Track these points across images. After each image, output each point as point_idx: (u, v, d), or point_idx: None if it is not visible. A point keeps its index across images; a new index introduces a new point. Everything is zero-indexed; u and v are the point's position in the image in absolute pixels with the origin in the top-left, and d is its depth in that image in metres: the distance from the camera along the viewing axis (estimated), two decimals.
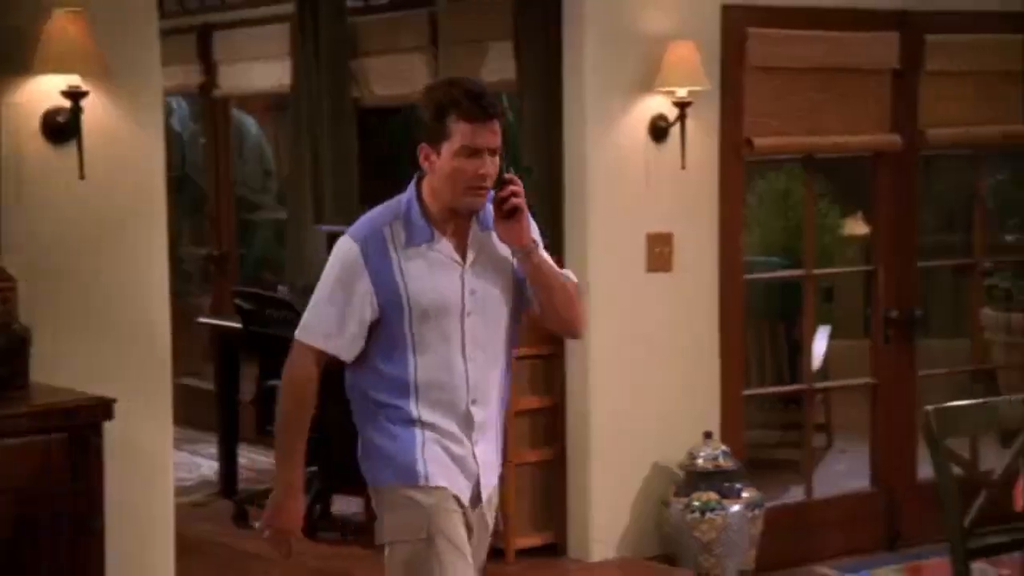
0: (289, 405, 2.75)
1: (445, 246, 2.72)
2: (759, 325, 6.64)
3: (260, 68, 6.63)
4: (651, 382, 4.76)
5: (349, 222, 2.77)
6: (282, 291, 5.83)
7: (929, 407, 3.45)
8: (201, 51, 6.90)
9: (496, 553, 4.77)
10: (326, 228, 5.63)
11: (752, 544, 4.65)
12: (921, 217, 5.59)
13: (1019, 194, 5.92)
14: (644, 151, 4.72)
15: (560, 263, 4.69)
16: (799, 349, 5.81)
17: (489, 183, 2.68)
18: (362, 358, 2.75)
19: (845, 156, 5.72)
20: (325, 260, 2.77)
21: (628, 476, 4.75)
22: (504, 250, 2.77)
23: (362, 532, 5.10)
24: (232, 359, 5.81)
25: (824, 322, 6.61)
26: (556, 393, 4.80)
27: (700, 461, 4.63)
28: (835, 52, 4.99)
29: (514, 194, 2.69)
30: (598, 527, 4.72)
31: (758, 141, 4.90)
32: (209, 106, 7.09)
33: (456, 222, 2.73)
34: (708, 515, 4.53)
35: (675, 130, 4.71)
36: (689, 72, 4.61)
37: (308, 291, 2.80)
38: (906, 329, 5.31)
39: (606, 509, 4.73)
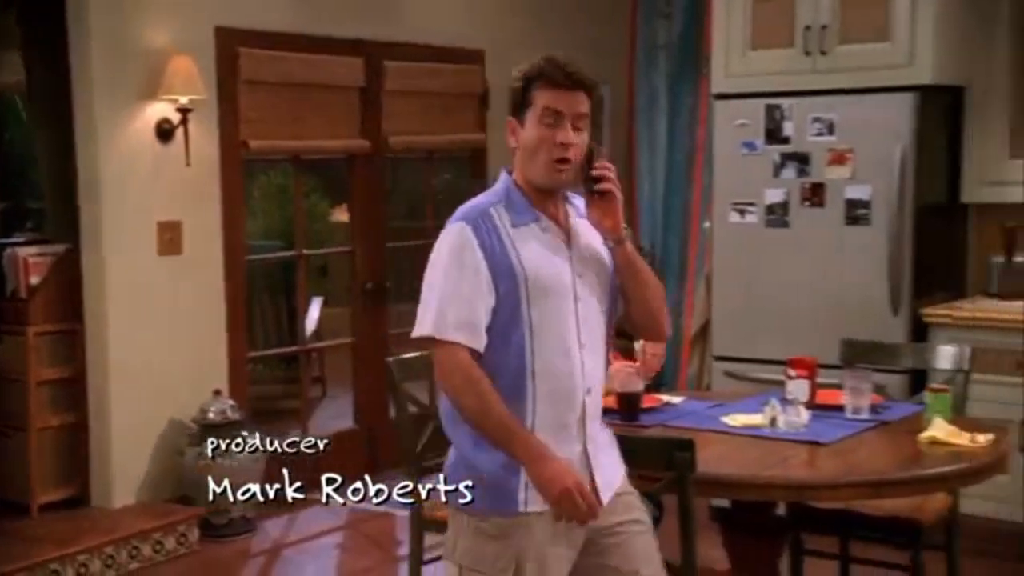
0: (472, 400, 2.21)
1: (550, 226, 2.31)
2: (263, 298, 6.86)
3: None
4: (165, 350, 4.82)
5: None
6: None
7: (390, 359, 3.82)
8: None
9: (19, 509, 4.68)
10: None
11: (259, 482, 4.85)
12: (389, 207, 5.91)
13: (460, 189, 6.56)
14: (152, 150, 4.75)
15: (77, 252, 4.71)
16: (296, 316, 6.11)
17: (572, 154, 2.25)
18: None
19: (328, 157, 6.01)
20: None
21: (146, 432, 4.78)
22: (598, 242, 2.35)
23: None
24: None
25: (319, 293, 6.95)
26: (78, 364, 4.73)
27: (211, 415, 4.75)
28: (311, 71, 5.21)
29: (606, 174, 2.29)
30: (119, 478, 4.71)
31: (253, 143, 5.03)
32: None
33: (554, 205, 2.33)
34: (218, 460, 4.64)
35: (180, 132, 4.78)
36: (188, 82, 4.69)
37: None
38: (378, 297, 5.69)
39: (126, 462, 4.73)
